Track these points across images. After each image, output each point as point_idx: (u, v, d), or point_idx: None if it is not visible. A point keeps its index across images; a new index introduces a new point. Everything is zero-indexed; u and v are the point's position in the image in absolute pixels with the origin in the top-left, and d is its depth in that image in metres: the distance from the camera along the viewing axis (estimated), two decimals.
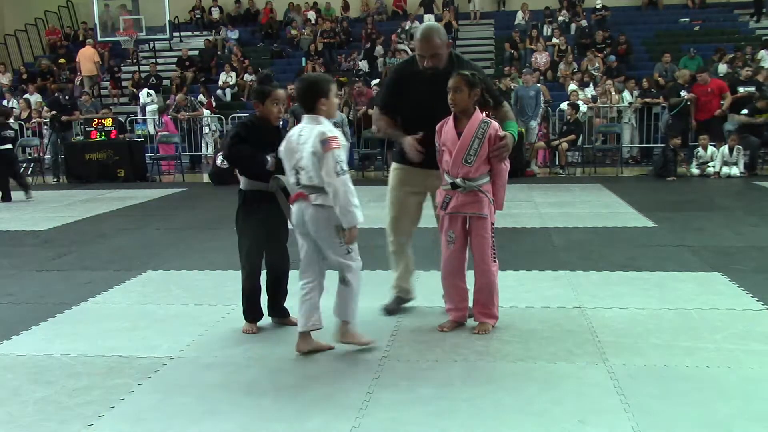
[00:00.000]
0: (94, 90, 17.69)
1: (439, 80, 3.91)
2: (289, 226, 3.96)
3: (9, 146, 10.19)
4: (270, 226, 4.01)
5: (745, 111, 11.70)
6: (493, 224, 3.90)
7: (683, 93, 11.90)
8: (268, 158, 3.85)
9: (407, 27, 17.98)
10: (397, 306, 4.34)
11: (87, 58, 18.01)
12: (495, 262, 3.93)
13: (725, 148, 11.06)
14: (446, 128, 3.87)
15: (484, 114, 3.89)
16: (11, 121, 12.56)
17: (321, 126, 3.51)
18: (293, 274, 3.91)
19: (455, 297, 4.01)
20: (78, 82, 18.04)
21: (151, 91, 15.86)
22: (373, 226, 4.16)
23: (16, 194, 10.14)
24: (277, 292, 4.13)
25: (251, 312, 4.09)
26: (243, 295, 4.09)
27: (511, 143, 3.84)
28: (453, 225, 3.91)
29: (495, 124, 3.85)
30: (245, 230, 4.01)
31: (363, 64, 17.46)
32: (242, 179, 4.02)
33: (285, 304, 4.15)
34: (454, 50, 4.21)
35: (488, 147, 3.79)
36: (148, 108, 15.24)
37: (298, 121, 3.79)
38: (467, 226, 3.91)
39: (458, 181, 3.82)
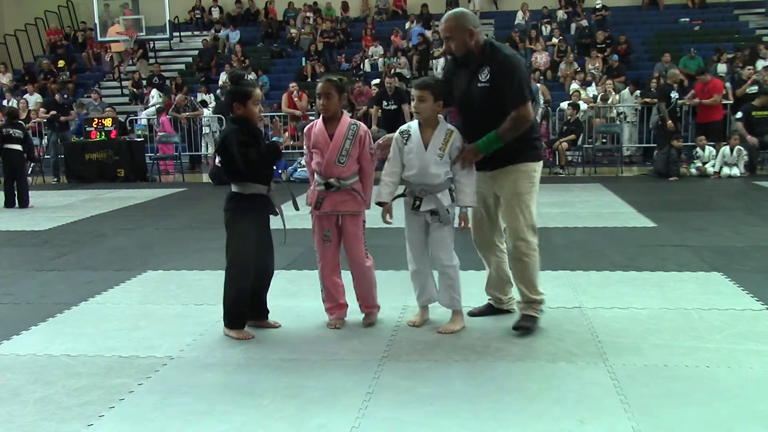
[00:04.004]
0: (121, 67, 18.43)
1: (470, 70, 3.86)
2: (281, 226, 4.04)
3: (17, 146, 9.61)
4: (266, 227, 4.01)
5: (739, 115, 11.68)
6: (364, 222, 4.06)
7: (673, 94, 11.89)
8: (277, 140, 3.88)
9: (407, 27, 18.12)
10: (482, 312, 4.22)
11: (117, 36, 18.22)
12: (368, 257, 4.08)
13: (726, 149, 11.07)
14: (316, 131, 4.00)
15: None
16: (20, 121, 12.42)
17: None
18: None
19: (335, 294, 4.12)
20: (108, 59, 18.82)
21: (160, 93, 15.93)
22: (378, 226, 4.17)
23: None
24: (264, 293, 4.10)
25: (244, 316, 3.99)
26: (237, 301, 3.92)
27: (471, 154, 3.80)
28: (327, 224, 4.04)
29: (363, 126, 4.04)
30: (246, 232, 3.89)
31: (363, 63, 17.47)
32: (240, 184, 3.90)
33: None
34: (494, 41, 3.95)
35: (359, 148, 3.95)
36: (150, 109, 15.31)
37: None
38: (339, 224, 4.04)
39: (332, 180, 3.95)
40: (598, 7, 18.57)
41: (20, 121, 10.55)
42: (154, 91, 15.97)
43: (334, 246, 4.06)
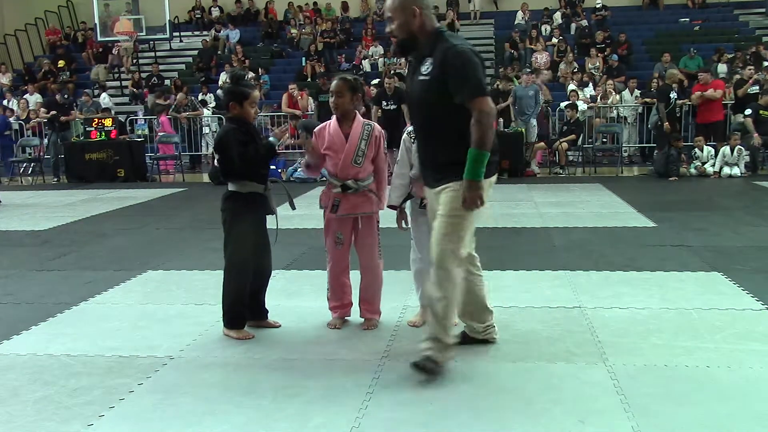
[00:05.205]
0: (130, 60, 18.69)
1: (415, 60, 3.41)
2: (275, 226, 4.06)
3: None
4: (264, 227, 4.01)
5: (748, 111, 11.68)
6: (378, 222, 4.06)
7: (673, 94, 11.90)
8: (271, 140, 3.90)
9: None
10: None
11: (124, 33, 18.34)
12: (381, 258, 4.09)
13: (726, 148, 11.06)
14: (331, 131, 3.96)
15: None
16: None
17: None
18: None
19: (341, 294, 4.12)
20: (115, 52, 18.91)
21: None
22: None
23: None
24: (263, 294, 4.10)
25: (243, 316, 3.98)
26: (236, 301, 3.91)
27: (467, 192, 3.20)
28: (342, 227, 4.01)
29: (377, 126, 4.00)
30: (244, 232, 3.89)
31: (363, 63, 17.47)
32: (238, 183, 3.90)
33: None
34: (445, 30, 3.39)
35: (374, 149, 3.94)
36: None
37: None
38: (358, 226, 4.03)
39: (350, 182, 3.93)
40: (598, 7, 18.58)
41: (22, 121, 10.55)
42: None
43: (346, 248, 4.05)
